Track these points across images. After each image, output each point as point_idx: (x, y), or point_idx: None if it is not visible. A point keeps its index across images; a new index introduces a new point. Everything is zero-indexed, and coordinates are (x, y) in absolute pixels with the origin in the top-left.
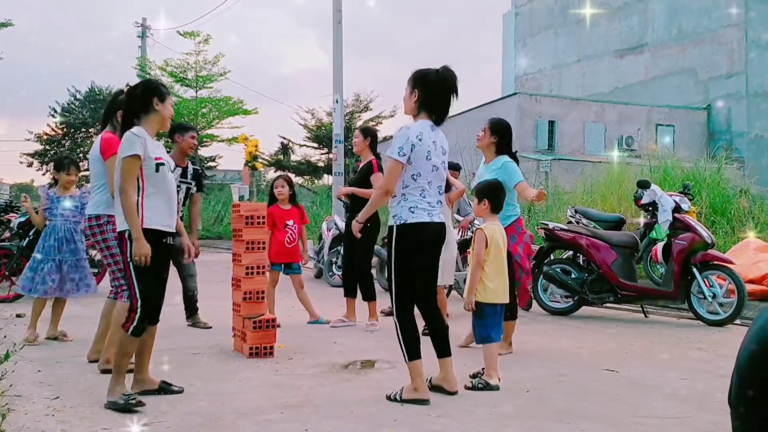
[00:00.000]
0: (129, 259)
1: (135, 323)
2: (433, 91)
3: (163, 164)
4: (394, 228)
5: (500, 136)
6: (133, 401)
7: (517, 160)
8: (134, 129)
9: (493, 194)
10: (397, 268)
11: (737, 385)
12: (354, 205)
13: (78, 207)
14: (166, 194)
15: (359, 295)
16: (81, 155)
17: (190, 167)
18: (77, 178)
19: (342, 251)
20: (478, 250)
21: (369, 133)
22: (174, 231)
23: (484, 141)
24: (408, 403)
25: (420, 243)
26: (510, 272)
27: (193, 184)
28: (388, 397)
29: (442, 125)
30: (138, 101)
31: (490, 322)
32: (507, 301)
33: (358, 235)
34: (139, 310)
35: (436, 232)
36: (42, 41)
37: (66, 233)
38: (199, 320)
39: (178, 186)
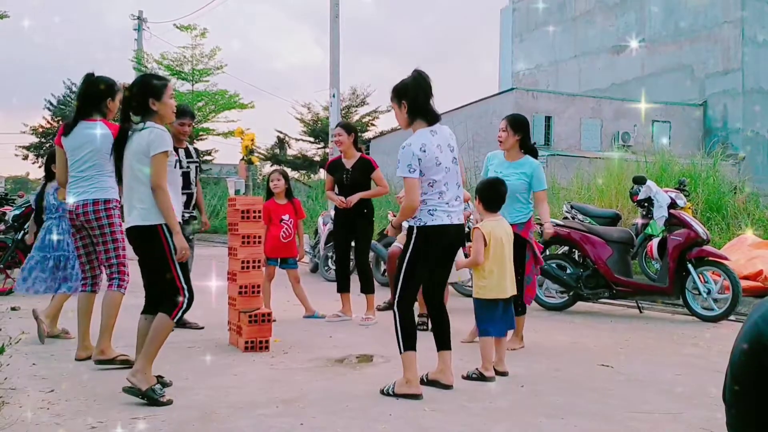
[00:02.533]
0: (170, 252)
1: (182, 311)
2: (417, 96)
3: (176, 159)
4: (414, 229)
5: (523, 133)
6: (163, 397)
7: (536, 153)
8: (159, 125)
9: (483, 191)
10: (410, 267)
11: (731, 382)
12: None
13: None
14: (176, 186)
15: (353, 289)
16: None
17: (191, 147)
18: None
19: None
20: (476, 248)
21: (352, 129)
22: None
23: (509, 141)
24: (402, 398)
25: (437, 245)
26: (523, 267)
27: (199, 162)
28: (382, 392)
29: (442, 122)
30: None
31: (487, 316)
32: (508, 295)
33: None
34: (186, 299)
35: (455, 234)
36: (37, 34)
37: (68, 228)
38: (188, 320)
39: (188, 167)
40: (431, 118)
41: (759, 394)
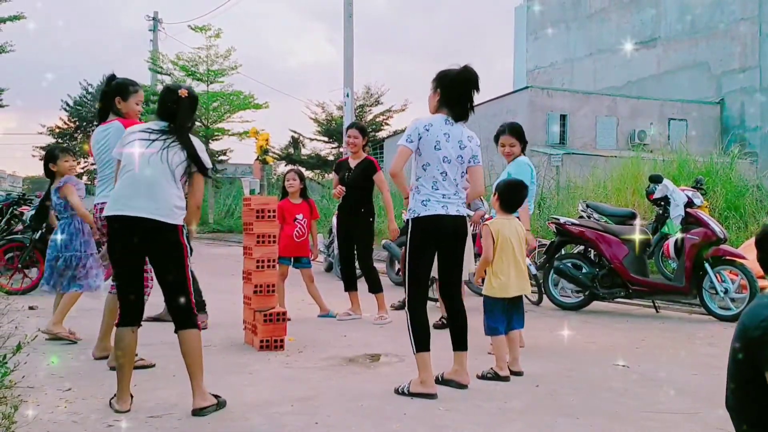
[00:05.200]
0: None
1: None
2: (452, 89)
3: None
4: (409, 222)
5: (523, 139)
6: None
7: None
8: None
9: (503, 191)
10: (411, 260)
11: (728, 381)
12: (349, 198)
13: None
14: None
15: (361, 288)
16: None
17: None
18: (75, 163)
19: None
20: (485, 246)
21: (366, 132)
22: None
23: (516, 150)
24: (416, 397)
25: (434, 236)
26: None
27: None
28: (396, 391)
29: (467, 122)
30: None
31: (497, 315)
32: (513, 294)
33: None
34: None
35: (453, 225)
36: (53, 34)
37: (80, 224)
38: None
39: None
40: (455, 114)
41: (755, 392)
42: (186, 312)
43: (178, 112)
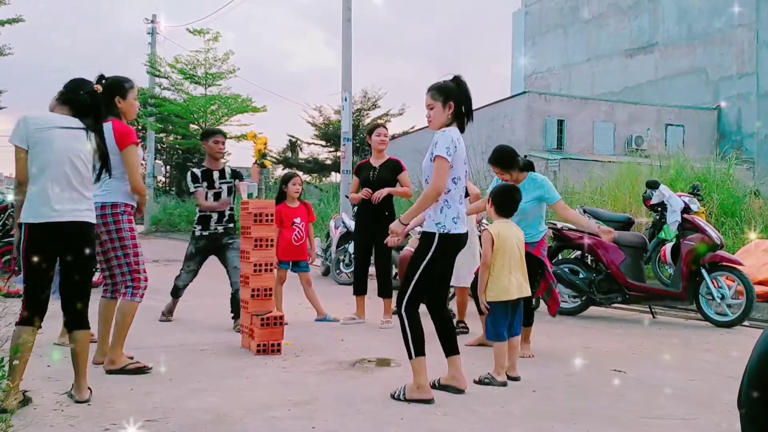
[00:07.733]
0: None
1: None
2: (462, 101)
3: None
4: (436, 236)
5: (509, 166)
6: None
7: (532, 166)
8: None
9: (496, 196)
10: (426, 271)
11: (747, 388)
12: (375, 204)
13: None
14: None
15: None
16: None
17: (227, 168)
18: None
19: (352, 249)
20: (484, 250)
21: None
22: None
23: (505, 177)
24: (413, 402)
25: (455, 253)
26: (542, 280)
27: (234, 181)
28: (393, 396)
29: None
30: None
31: (500, 319)
32: (518, 296)
33: (399, 240)
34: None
35: (464, 241)
36: (51, 37)
37: None
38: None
39: (220, 187)
40: (464, 126)
41: None
42: (83, 312)
43: (96, 107)
